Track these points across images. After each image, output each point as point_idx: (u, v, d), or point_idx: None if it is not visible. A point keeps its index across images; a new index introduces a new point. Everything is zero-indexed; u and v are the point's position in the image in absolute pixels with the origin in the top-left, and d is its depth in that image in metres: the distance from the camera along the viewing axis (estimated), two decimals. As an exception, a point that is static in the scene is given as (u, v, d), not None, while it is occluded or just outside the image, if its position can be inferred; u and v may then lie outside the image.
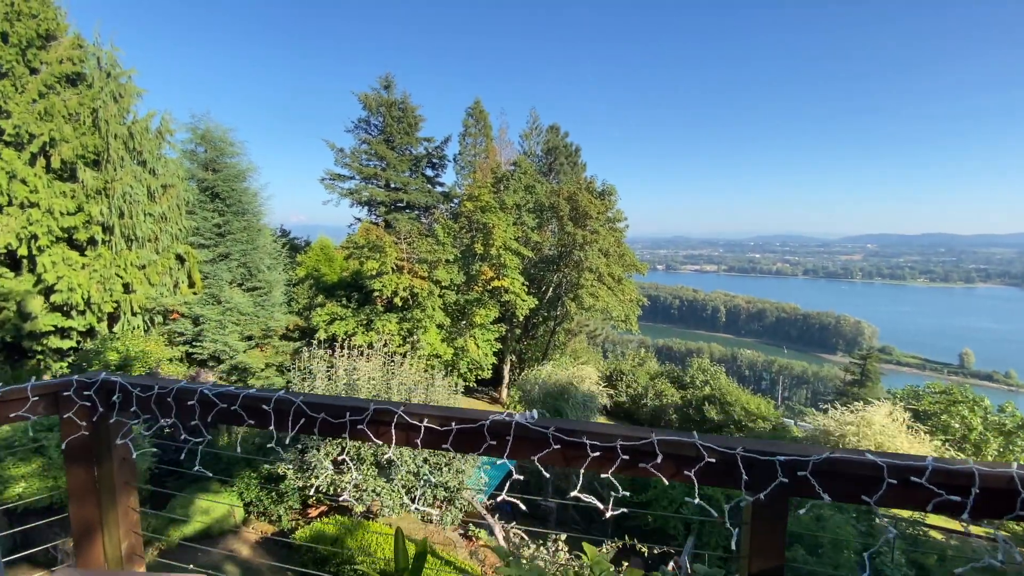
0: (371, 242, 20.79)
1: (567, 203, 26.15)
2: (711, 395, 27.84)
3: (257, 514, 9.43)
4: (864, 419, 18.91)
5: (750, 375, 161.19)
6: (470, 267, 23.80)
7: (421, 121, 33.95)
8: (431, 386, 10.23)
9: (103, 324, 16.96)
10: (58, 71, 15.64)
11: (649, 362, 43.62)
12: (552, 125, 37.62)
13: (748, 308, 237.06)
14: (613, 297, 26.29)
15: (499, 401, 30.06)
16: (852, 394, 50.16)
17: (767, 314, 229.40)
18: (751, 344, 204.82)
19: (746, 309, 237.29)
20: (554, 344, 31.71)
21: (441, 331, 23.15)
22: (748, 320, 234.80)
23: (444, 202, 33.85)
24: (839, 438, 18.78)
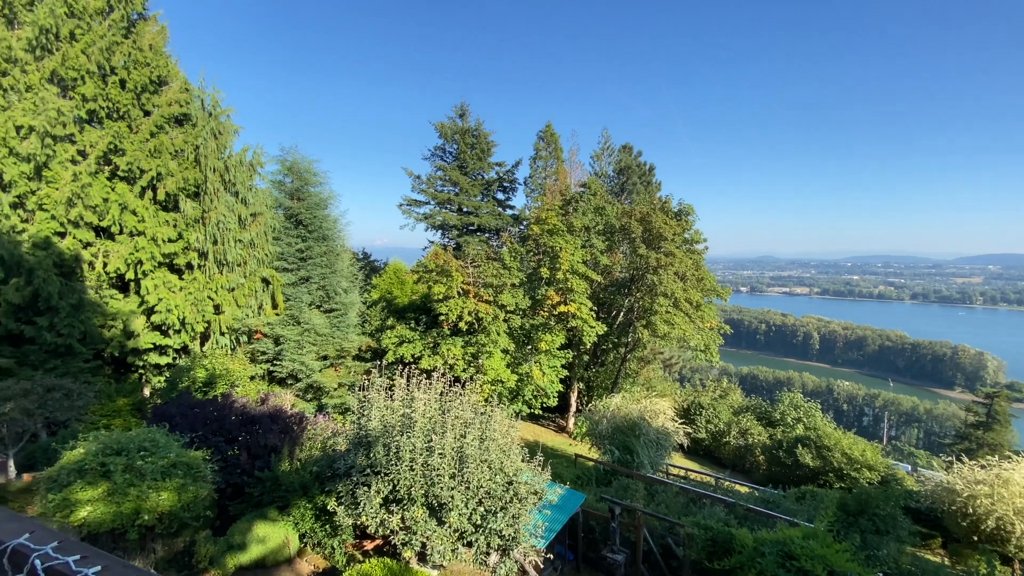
0: (439, 266, 20.97)
1: (639, 224, 24.98)
2: (805, 436, 24.93)
3: (312, 545, 9.31)
4: (1000, 478, 15.83)
5: (849, 410, 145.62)
6: (536, 291, 23.29)
7: (493, 146, 34.48)
8: (489, 420, 9.67)
9: (195, 342, 18.28)
10: (167, 112, 17.36)
11: (732, 394, 40.40)
12: (625, 145, 36.67)
13: (846, 335, 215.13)
14: (691, 324, 24.52)
15: (565, 430, 28.95)
16: (977, 439, 43.26)
17: (868, 342, 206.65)
18: (850, 375, 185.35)
19: (843, 336, 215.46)
20: (625, 373, 30.17)
21: (506, 356, 22.71)
22: (846, 348, 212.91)
23: (514, 225, 33.88)
24: (967, 499, 15.83)
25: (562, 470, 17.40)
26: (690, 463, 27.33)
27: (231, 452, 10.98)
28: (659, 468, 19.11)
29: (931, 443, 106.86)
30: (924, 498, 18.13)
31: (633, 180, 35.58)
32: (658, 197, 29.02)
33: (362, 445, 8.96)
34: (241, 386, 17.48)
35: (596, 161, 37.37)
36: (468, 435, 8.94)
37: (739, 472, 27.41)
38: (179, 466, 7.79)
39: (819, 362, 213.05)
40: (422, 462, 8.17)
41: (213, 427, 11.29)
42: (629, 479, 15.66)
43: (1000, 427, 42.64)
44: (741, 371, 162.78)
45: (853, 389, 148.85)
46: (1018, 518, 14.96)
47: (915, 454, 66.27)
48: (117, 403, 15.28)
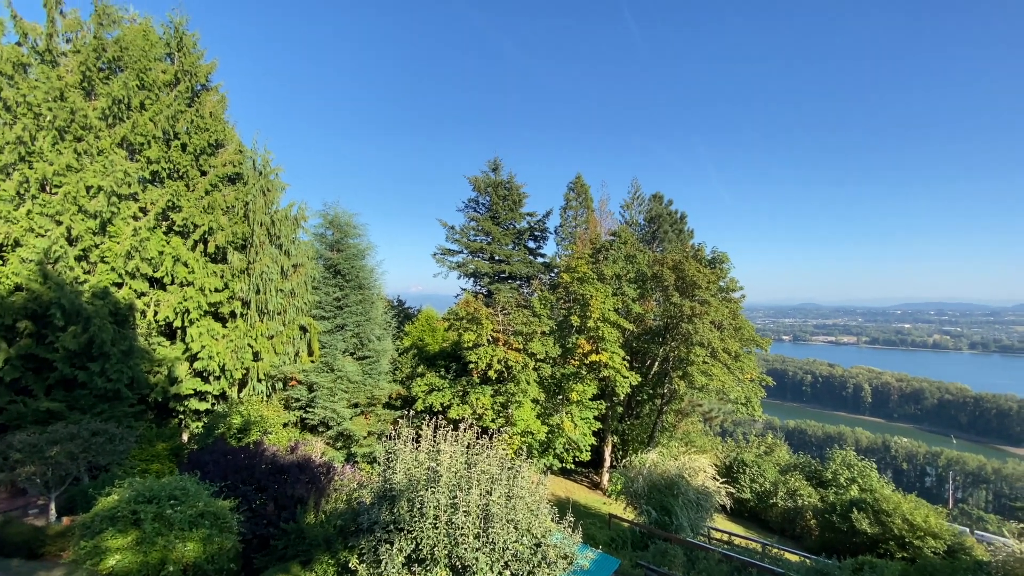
0: (469, 313, 21.13)
1: (672, 272, 24.69)
2: (860, 499, 22.98)
3: (334, 604, 9.02)
4: (1090, 553, 14.03)
5: (909, 469, 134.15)
6: (567, 340, 23.02)
7: (525, 198, 35.43)
8: (517, 475, 9.38)
9: (233, 388, 18.77)
10: (222, 172, 18.72)
11: (778, 450, 38.00)
12: (655, 194, 36.98)
13: (900, 387, 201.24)
14: (729, 375, 23.56)
15: (599, 486, 27.70)
16: (1061, 506, 38.85)
17: (926, 394, 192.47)
18: (907, 431, 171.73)
19: (898, 388, 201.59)
20: (661, 426, 28.96)
21: (536, 406, 22.25)
22: (901, 402, 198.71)
23: (544, 272, 34.13)
24: (1055, 577, 14.02)
25: (595, 531, 16.53)
26: (734, 526, 25.47)
27: (259, 502, 10.99)
28: (700, 532, 17.89)
29: (1001, 506, 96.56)
30: (996, 570, 16.15)
31: (664, 228, 35.53)
32: (690, 245, 28.80)
33: (386, 499, 8.80)
34: (274, 433, 17.70)
35: (626, 210, 37.69)
36: (495, 492, 8.67)
37: (788, 538, 25.32)
38: (207, 516, 7.83)
39: (872, 416, 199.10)
40: (446, 520, 7.94)
41: (243, 475, 11.38)
42: (667, 543, 14.70)
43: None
44: (787, 425, 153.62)
45: (912, 446, 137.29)
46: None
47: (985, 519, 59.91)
48: (156, 448, 15.69)
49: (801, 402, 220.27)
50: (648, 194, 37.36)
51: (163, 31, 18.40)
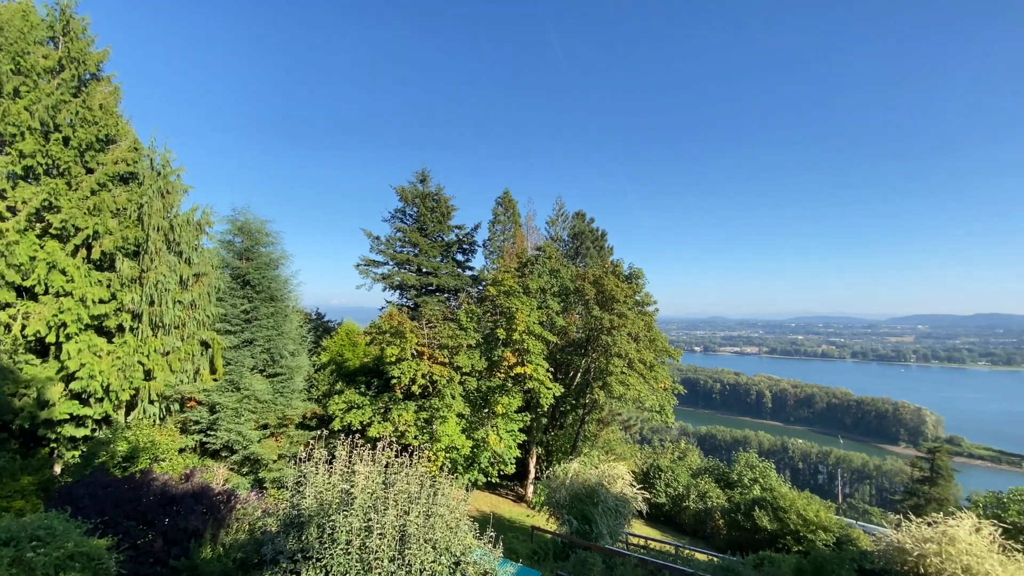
0: (392, 327, 20.53)
1: (593, 286, 25.64)
2: (761, 498, 24.91)
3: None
4: (947, 536, 16.10)
5: (804, 468, 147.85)
6: (492, 352, 23.05)
7: (453, 210, 35.30)
8: (436, 493, 9.13)
9: (120, 412, 16.78)
10: (112, 171, 16.90)
11: (691, 455, 40.40)
12: (578, 211, 38.38)
13: (795, 393, 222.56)
14: (645, 385, 24.73)
15: (524, 499, 27.78)
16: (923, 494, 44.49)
17: (816, 399, 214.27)
18: (802, 432, 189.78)
19: (793, 394, 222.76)
20: (584, 435, 29.71)
21: (461, 421, 21.97)
22: (797, 406, 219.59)
23: (472, 285, 34.08)
24: (918, 559, 15.93)
25: (518, 545, 16.50)
26: (650, 530, 26.57)
27: (146, 538, 9.81)
28: (618, 538, 18.42)
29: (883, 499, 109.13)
30: (877, 558, 18.11)
31: (587, 245, 36.91)
32: (610, 261, 30.12)
33: (294, 526, 8.21)
34: (167, 460, 15.97)
35: (551, 226, 38.76)
36: (412, 511, 8.38)
37: (700, 538, 26.83)
38: (77, 557, 6.85)
39: (773, 420, 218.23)
40: (359, 544, 7.54)
41: (126, 509, 10.13)
42: (587, 552, 14.97)
43: (944, 482, 44.26)
44: (699, 430, 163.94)
45: (806, 447, 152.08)
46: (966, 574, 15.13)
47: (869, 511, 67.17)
48: (21, 482, 13.55)
49: (711, 408, 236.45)
50: (572, 211, 38.75)
51: (47, 13, 16.46)
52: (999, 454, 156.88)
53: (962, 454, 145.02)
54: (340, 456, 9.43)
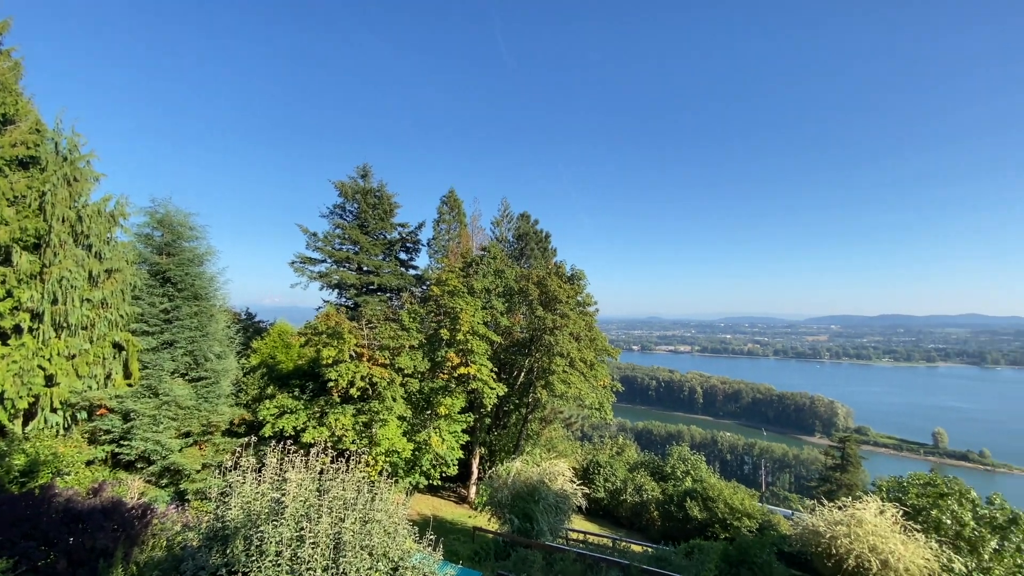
0: (330, 327, 19.75)
1: (537, 287, 25.97)
2: (692, 490, 26.21)
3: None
4: (855, 518, 17.66)
5: (731, 459, 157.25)
6: (436, 353, 22.78)
7: (396, 207, 34.54)
8: (374, 498, 8.88)
9: (17, 422, 15.08)
10: (9, 154, 15.16)
11: (628, 450, 41.79)
12: (523, 213, 38.69)
13: (724, 389, 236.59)
14: (586, 383, 25.35)
15: (467, 500, 27.65)
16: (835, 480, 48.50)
17: (743, 395, 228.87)
18: (730, 426, 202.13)
19: (722, 390, 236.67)
20: (527, 434, 30.01)
21: (402, 424, 21.53)
22: (725, 401, 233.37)
23: (416, 285, 33.49)
24: (830, 540, 17.36)
25: (459, 546, 16.39)
26: (589, 525, 27.25)
27: (47, 559, 8.86)
28: (558, 534, 18.75)
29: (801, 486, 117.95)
30: (795, 541, 19.56)
31: (531, 246, 37.32)
32: (554, 262, 30.65)
33: (218, 539, 7.70)
34: (73, 473, 14.54)
35: (497, 227, 38.86)
36: (348, 518, 8.10)
37: (636, 530, 27.82)
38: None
39: (704, 415, 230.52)
40: (290, 555, 7.19)
41: (24, 528, 9.10)
42: (528, 550, 15.13)
43: (853, 468, 48.46)
44: (637, 426, 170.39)
45: (734, 439, 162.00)
46: (873, 555, 16.61)
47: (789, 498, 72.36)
48: None
49: (648, 404, 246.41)
50: (517, 213, 39.02)
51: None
52: (900, 442, 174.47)
53: (868, 443, 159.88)
54: (270, 464, 8.98)
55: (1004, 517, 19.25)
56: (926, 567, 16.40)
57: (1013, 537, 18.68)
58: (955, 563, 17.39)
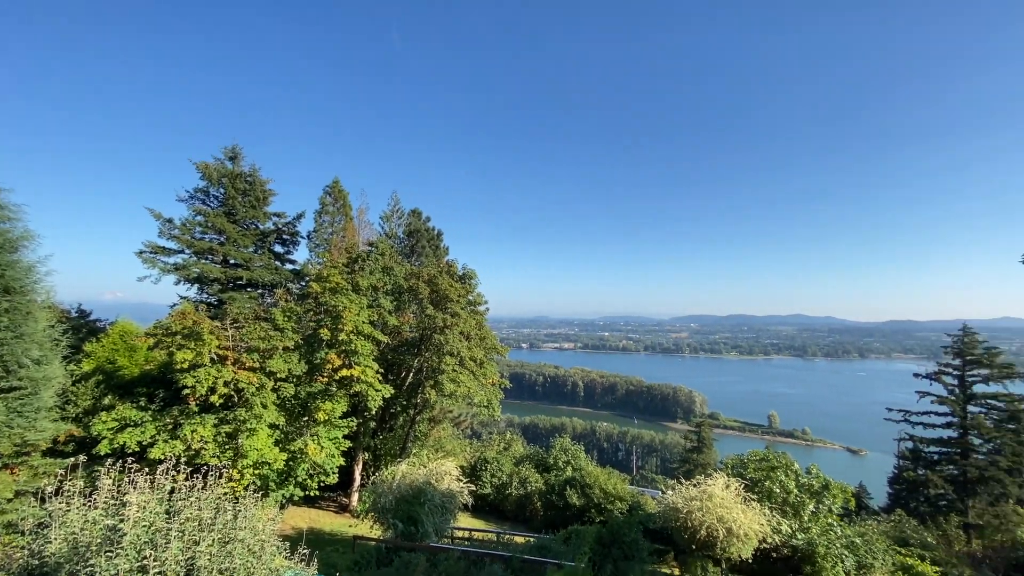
0: (186, 327, 17.40)
1: (427, 286, 25.54)
2: (572, 478, 27.71)
3: None
4: (706, 493, 20.02)
5: (608, 447, 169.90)
6: (315, 355, 21.27)
7: (271, 195, 31.59)
8: (237, 517, 8.02)
9: None
10: None
11: (515, 445, 42.98)
12: (414, 209, 37.80)
13: (602, 382, 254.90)
14: (475, 382, 25.48)
15: (348, 508, 26.30)
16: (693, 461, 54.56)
17: (618, 387, 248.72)
18: (607, 416, 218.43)
19: (600, 383, 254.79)
20: (414, 435, 29.37)
21: (275, 432, 19.76)
22: (603, 394, 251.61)
23: (294, 280, 30.96)
24: (686, 515, 19.48)
25: (338, 557, 15.52)
26: (476, 521, 27.52)
27: None
28: (444, 534, 18.64)
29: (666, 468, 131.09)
30: (659, 518, 21.66)
31: (422, 243, 36.61)
32: (445, 261, 30.37)
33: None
34: None
35: (386, 222, 37.47)
36: (204, 541, 7.21)
37: (520, 522, 28.69)
38: None
39: (584, 407, 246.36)
40: (126, 591, 6.19)
41: None
42: (412, 553, 14.80)
43: (707, 449, 54.88)
44: (524, 421, 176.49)
45: (610, 429, 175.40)
46: (720, 525, 18.94)
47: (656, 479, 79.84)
48: None
49: (535, 400, 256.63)
50: (408, 208, 38.02)
51: None
52: (743, 424, 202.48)
53: (719, 426, 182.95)
54: (105, 486, 7.67)
55: (819, 484, 23.19)
56: (760, 530, 19.16)
57: (826, 500, 22.61)
58: (782, 525, 20.56)
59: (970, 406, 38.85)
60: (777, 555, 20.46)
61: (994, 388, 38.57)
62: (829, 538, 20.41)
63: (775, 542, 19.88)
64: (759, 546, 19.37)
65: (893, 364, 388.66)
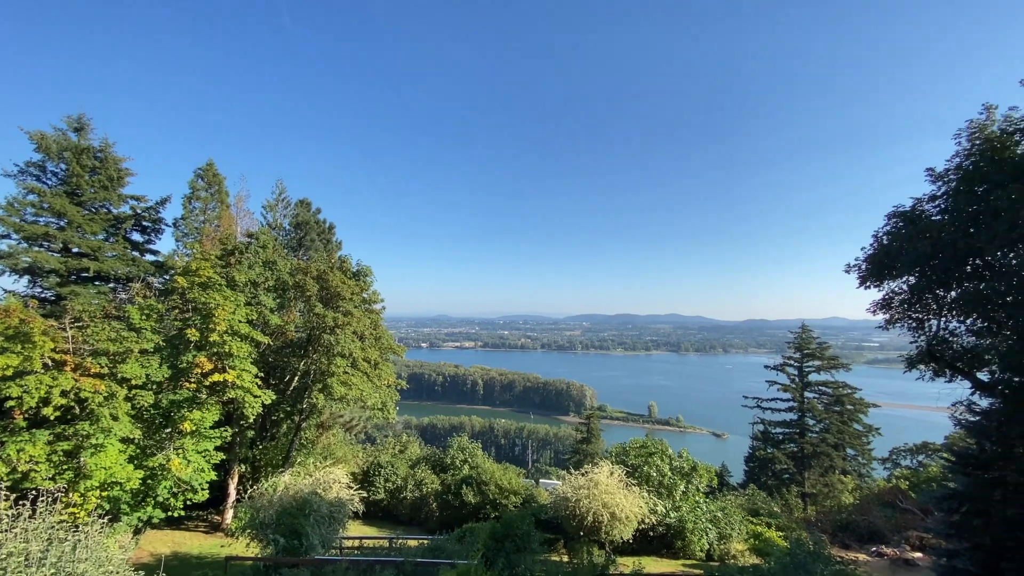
0: (9, 327, 14.44)
1: (316, 282, 23.93)
2: (468, 476, 27.78)
3: None
4: (593, 481, 21.25)
5: (505, 443, 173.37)
6: (180, 358, 18.87)
7: (128, 175, 27.52)
8: (76, 548, 6.90)
9: None
10: None
11: (411, 447, 41.95)
12: (303, 199, 35.24)
13: (501, 380, 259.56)
14: (369, 384, 24.38)
15: (221, 527, 23.79)
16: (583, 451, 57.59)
17: (516, 384, 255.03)
18: (505, 413, 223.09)
19: (499, 381, 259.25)
20: (300, 443, 27.37)
21: (129, 447, 17.20)
22: (502, 391, 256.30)
23: (156, 274, 27.24)
24: (575, 503, 20.52)
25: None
26: (368, 529, 26.45)
27: None
28: (332, 545, 17.63)
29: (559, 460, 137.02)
30: (550, 509, 22.57)
31: (312, 236, 34.28)
32: (338, 256, 28.68)
33: None
34: None
35: (269, 212, 34.44)
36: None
37: (416, 525, 28.12)
38: None
39: (484, 405, 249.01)
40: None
41: None
42: (295, 569, 13.78)
43: (595, 440, 58.10)
44: (423, 422, 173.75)
45: (508, 425, 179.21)
46: (605, 510, 20.19)
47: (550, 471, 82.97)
48: None
49: (434, 399, 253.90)
50: (295, 198, 35.33)
51: None
52: (627, 415, 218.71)
53: (607, 417, 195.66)
54: None
55: (689, 466, 25.74)
56: (640, 512, 20.78)
57: (694, 480, 25.16)
58: (658, 506, 22.50)
59: (807, 392, 45.90)
60: (654, 533, 22.38)
61: (824, 377, 46.06)
62: (696, 514, 22.77)
63: (652, 522, 21.70)
64: (638, 527, 21.03)
65: (750, 357, 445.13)
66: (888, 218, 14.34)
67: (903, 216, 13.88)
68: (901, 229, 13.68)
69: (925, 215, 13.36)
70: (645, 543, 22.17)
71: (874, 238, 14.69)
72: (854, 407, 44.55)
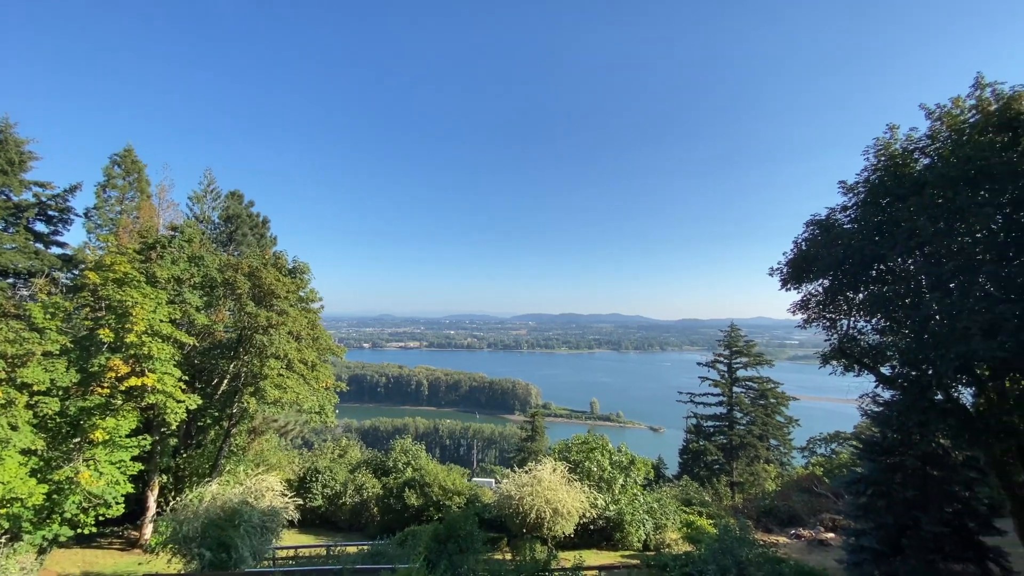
0: None
1: (247, 279, 22.65)
2: (411, 479, 27.34)
3: None
4: (536, 478, 21.55)
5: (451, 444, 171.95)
6: (91, 361, 17.24)
7: (32, 159, 24.94)
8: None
9: None
10: None
11: (352, 451, 40.70)
12: (234, 191, 33.20)
13: (447, 380, 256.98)
14: (305, 386, 23.36)
15: (139, 544, 22.02)
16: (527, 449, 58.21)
17: (462, 384, 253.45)
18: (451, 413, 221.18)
19: (445, 381, 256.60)
20: (229, 450, 25.81)
21: (30, 459, 15.53)
22: (447, 391, 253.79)
23: (63, 268, 24.79)
24: (520, 501, 20.72)
25: (120, 605, 12.87)
26: (304, 537, 25.41)
27: None
28: (264, 557, 16.78)
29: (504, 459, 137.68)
30: (494, 507, 22.64)
31: (243, 231, 32.39)
32: (272, 252, 27.26)
33: None
34: None
35: (196, 204, 32.18)
36: None
37: (356, 531, 27.34)
38: None
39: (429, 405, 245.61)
40: None
41: None
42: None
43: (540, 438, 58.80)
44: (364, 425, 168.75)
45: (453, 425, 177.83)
46: (547, 506, 20.51)
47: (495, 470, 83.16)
48: None
49: (377, 401, 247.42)
50: (226, 190, 33.23)
51: None
52: (570, 412, 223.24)
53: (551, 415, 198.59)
54: None
55: (627, 460, 26.63)
56: (581, 507, 21.30)
57: (632, 473, 26.06)
58: (599, 499, 23.14)
59: (735, 387, 48.87)
60: (594, 527, 23.00)
61: (751, 372, 49.26)
62: (634, 506, 23.62)
63: (592, 515, 22.30)
64: (580, 521, 21.55)
65: (685, 355, 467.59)
66: (806, 226, 15.51)
67: (819, 224, 15.07)
68: (817, 236, 14.83)
69: (838, 224, 14.58)
70: (586, 536, 22.74)
71: (794, 244, 15.84)
72: (777, 400, 47.93)
